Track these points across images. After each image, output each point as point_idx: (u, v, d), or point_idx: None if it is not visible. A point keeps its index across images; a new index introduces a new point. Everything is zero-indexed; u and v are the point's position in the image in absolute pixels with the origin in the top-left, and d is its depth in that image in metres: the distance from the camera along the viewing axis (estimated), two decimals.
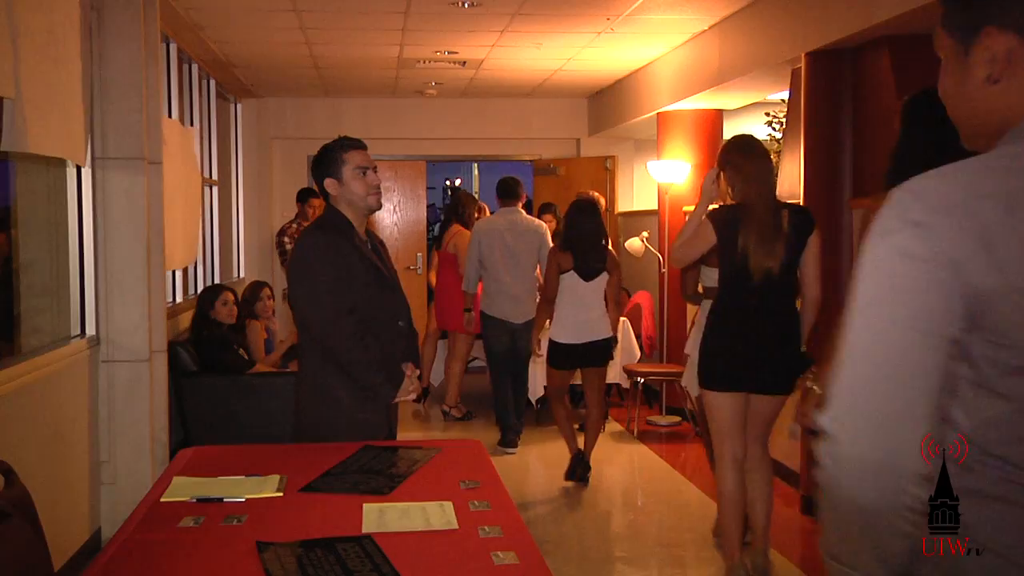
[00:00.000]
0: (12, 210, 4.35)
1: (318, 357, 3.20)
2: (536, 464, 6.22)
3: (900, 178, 1.21)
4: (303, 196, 8.19)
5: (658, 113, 7.95)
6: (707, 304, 4.11)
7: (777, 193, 3.95)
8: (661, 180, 7.75)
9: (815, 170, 5.16)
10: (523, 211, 6.65)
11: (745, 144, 3.96)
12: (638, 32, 6.77)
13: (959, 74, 1.24)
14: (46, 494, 3.88)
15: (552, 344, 5.57)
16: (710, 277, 4.24)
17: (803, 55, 5.23)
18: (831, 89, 5.10)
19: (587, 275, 5.48)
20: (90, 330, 4.70)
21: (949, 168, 1.15)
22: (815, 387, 3.15)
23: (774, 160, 6.95)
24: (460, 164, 14.52)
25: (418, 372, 3.32)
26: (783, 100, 6.74)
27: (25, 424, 3.85)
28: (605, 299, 5.54)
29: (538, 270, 6.52)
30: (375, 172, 3.25)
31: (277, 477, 2.66)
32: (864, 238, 1.17)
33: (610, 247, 5.72)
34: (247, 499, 2.48)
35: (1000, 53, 1.18)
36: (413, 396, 3.29)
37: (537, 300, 6.04)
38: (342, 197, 3.23)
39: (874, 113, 4.90)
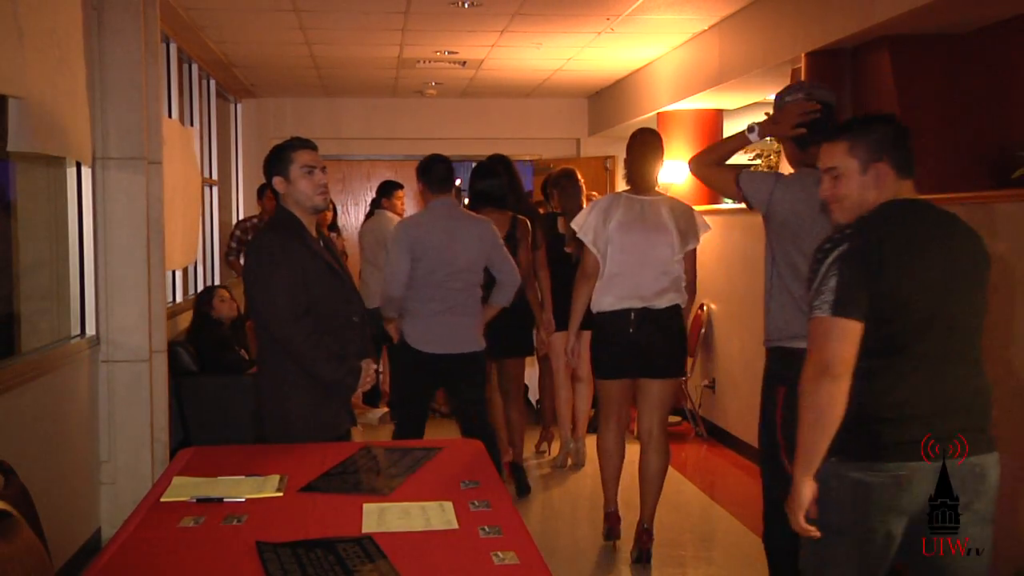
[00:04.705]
0: (12, 209, 4.35)
1: (278, 359, 3.23)
2: (536, 464, 6.22)
3: None
4: (262, 191, 7.44)
5: (658, 113, 7.95)
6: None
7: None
8: (661, 180, 7.73)
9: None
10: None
11: None
12: (638, 32, 6.77)
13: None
14: (46, 494, 3.88)
15: None
16: None
17: (803, 55, 5.23)
18: (831, 89, 5.09)
19: None
20: (90, 330, 4.69)
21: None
22: None
23: (774, 160, 7.00)
24: (460, 164, 14.49)
25: (376, 367, 3.38)
26: None
27: (25, 424, 3.85)
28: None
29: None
30: (323, 172, 3.29)
31: (277, 477, 2.66)
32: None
33: None
34: (247, 499, 2.49)
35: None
36: (369, 387, 3.37)
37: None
38: (290, 196, 3.27)
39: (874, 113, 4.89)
